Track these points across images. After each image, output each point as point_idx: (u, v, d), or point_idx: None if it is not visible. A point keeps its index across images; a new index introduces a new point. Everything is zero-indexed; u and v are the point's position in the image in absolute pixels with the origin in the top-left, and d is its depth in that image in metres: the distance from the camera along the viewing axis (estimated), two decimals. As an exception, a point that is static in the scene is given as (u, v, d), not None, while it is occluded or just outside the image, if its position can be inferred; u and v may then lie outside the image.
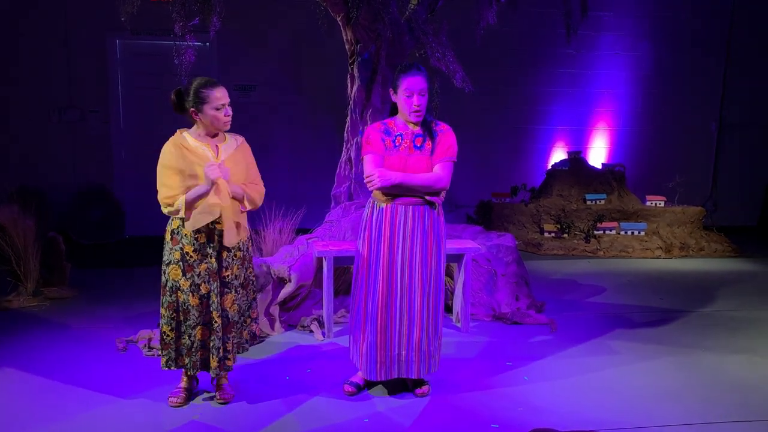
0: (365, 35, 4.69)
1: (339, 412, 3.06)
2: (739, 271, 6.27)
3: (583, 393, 3.33)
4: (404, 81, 3.02)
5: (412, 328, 3.10)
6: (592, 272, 6.10)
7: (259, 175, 3.12)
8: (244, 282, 3.08)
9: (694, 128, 8.54)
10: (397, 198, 3.07)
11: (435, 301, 3.14)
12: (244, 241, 3.07)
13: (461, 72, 4.67)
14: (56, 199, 6.95)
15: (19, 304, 4.63)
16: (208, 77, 2.96)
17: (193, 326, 2.97)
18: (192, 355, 3.00)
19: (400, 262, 3.07)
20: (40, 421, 2.92)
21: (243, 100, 7.32)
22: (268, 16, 7.31)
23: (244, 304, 3.10)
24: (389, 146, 3.06)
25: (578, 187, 7.41)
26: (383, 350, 3.11)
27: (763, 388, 3.43)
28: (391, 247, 3.07)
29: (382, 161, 3.04)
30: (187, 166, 2.86)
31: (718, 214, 8.29)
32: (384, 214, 3.09)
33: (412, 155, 3.06)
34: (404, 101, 3.03)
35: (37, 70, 7.03)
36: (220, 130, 3.00)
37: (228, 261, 2.98)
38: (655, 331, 4.37)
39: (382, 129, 3.10)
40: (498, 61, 7.86)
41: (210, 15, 4.34)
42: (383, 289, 3.07)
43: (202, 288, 2.95)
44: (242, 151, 3.06)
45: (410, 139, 3.07)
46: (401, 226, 3.07)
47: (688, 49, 8.33)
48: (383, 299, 3.07)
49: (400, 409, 3.11)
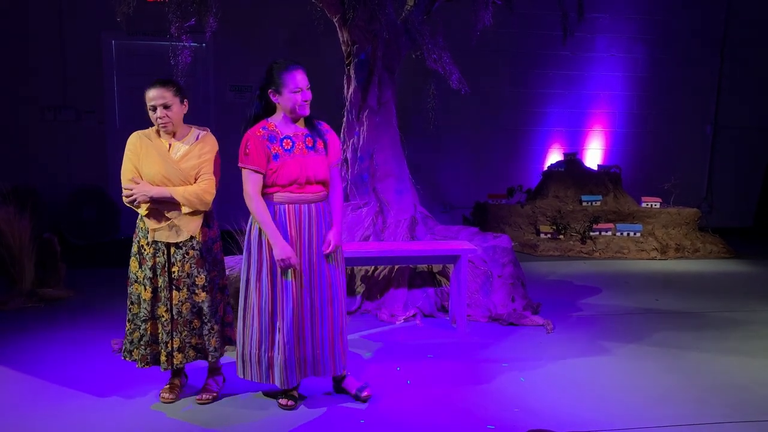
0: (362, 36, 4.69)
1: (334, 413, 3.06)
2: (734, 272, 6.29)
3: (579, 394, 3.33)
4: (290, 77, 2.96)
5: (325, 326, 3.06)
6: (588, 273, 6.11)
7: (210, 172, 3.01)
8: (206, 285, 3.02)
9: (690, 130, 8.57)
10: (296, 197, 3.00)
11: (342, 297, 3.12)
12: (199, 240, 3.00)
13: (458, 73, 4.67)
14: (51, 200, 6.93)
15: (14, 305, 4.61)
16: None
17: (143, 319, 3.02)
18: (141, 348, 3.03)
19: (308, 263, 3.02)
20: (35, 421, 2.91)
21: (239, 101, 7.31)
22: (264, 17, 7.31)
23: (208, 308, 3.03)
24: (279, 152, 2.96)
25: (574, 188, 7.42)
26: (298, 352, 3.03)
27: (758, 389, 3.44)
28: (301, 249, 3.01)
29: (262, 178, 2.95)
30: (137, 160, 2.99)
31: (714, 215, 8.33)
32: (286, 215, 2.99)
33: (308, 157, 3.01)
34: (291, 97, 2.96)
35: (32, 70, 7.01)
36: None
37: (176, 258, 2.99)
38: (650, 332, 4.37)
39: (265, 135, 2.98)
40: (494, 62, 7.88)
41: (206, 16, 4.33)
42: (295, 294, 2.99)
43: (153, 282, 3.00)
44: (201, 145, 3.02)
45: (302, 141, 3.02)
46: (305, 225, 3.02)
47: (683, 51, 8.37)
48: (295, 302, 2.99)
49: (395, 409, 3.11)
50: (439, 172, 8.00)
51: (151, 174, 2.96)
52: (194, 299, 3.02)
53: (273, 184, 2.98)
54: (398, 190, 4.85)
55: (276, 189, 2.98)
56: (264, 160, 2.95)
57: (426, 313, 4.57)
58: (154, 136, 3.03)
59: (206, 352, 3.08)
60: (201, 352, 3.10)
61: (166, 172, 2.96)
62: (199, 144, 3.03)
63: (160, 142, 3.02)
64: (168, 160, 2.97)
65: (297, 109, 3.00)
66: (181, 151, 3.01)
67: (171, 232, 2.98)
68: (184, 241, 2.99)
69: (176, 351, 3.02)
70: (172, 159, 2.98)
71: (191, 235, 2.99)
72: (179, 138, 3.03)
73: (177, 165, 2.97)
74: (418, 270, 4.66)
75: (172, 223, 2.97)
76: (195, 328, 3.05)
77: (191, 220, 2.98)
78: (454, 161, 8.11)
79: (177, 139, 3.03)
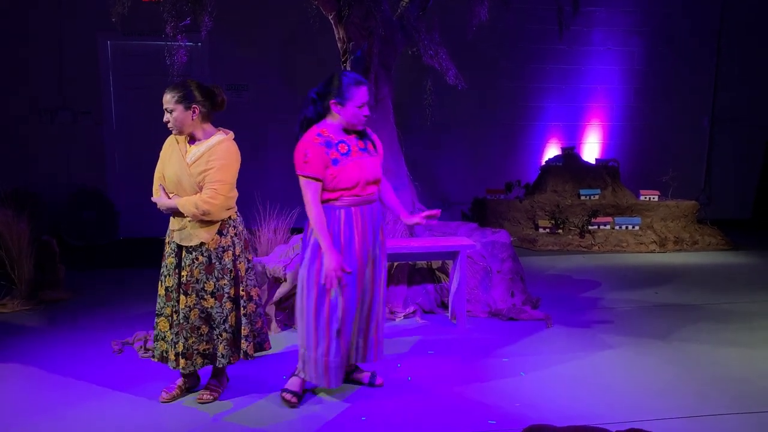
0: (357, 33, 4.68)
1: (335, 411, 3.06)
2: (732, 264, 6.30)
3: (580, 388, 3.34)
4: (357, 93, 3.00)
5: (371, 319, 3.16)
6: (587, 267, 6.12)
7: (217, 180, 2.97)
8: (215, 291, 3.02)
9: (687, 122, 8.57)
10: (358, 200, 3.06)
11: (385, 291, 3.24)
12: (209, 248, 3.01)
13: (454, 69, 4.66)
14: (49, 202, 6.92)
15: (13, 308, 4.61)
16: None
17: (157, 314, 3.13)
18: (157, 343, 3.14)
19: (368, 264, 3.09)
20: (35, 422, 2.91)
21: (235, 100, 7.30)
22: (259, 16, 7.29)
23: (217, 314, 3.04)
24: (338, 157, 2.98)
25: (572, 182, 7.43)
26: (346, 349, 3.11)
27: (757, 381, 3.45)
28: (364, 251, 3.07)
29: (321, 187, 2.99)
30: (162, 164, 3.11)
31: (712, 207, 8.33)
32: (352, 218, 3.05)
33: (363, 158, 3.05)
34: (355, 111, 3.01)
35: (28, 71, 6.99)
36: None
37: (185, 262, 3.03)
38: (649, 325, 4.38)
39: (322, 142, 2.99)
40: (490, 58, 7.86)
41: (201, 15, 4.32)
42: (355, 296, 3.05)
43: (167, 281, 3.08)
44: (210, 153, 3.01)
45: (355, 144, 3.06)
46: (369, 227, 3.08)
47: (680, 43, 8.35)
48: (355, 305, 3.05)
49: (397, 406, 3.11)
50: (436, 169, 7.99)
51: (168, 176, 3.03)
52: (203, 304, 3.03)
53: (335, 188, 2.99)
54: (396, 186, 4.83)
55: (339, 193, 3.00)
56: (323, 167, 2.96)
57: (426, 309, 4.58)
58: (181, 139, 3.07)
59: (214, 357, 3.08)
60: (208, 357, 3.09)
61: (180, 175, 2.99)
62: (209, 151, 3.01)
63: (184, 145, 3.06)
64: (182, 164, 2.99)
65: (357, 124, 3.06)
66: (194, 155, 3.01)
67: (184, 236, 3.01)
68: (194, 246, 3.01)
69: (181, 357, 3.02)
70: (185, 163, 3.00)
71: (201, 242, 3.00)
72: (198, 142, 3.05)
73: (189, 169, 2.99)
74: (418, 267, 4.67)
75: (185, 226, 3.00)
76: (203, 334, 3.05)
77: (202, 227, 2.99)
78: (451, 157, 8.10)
79: (195, 143, 3.05)
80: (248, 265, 3.16)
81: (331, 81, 3.04)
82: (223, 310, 3.05)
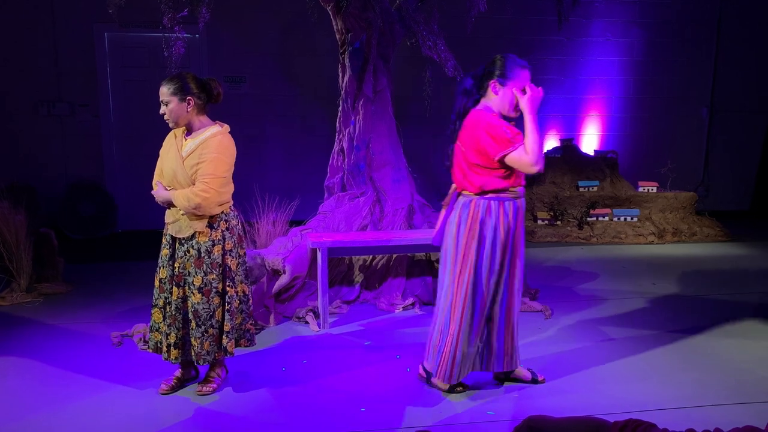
0: (356, 24, 4.66)
1: (334, 402, 3.07)
2: (731, 255, 6.31)
3: (578, 378, 3.35)
4: (521, 74, 2.89)
5: (512, 318, 3.07)
6: (586, 259, 6.13)
7: (209, 173, 2.94)
8: (201, 287, 3.01)
9: (686, 113, 8.55)
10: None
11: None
12: (199, 240, 2.99)
13: (453, 60, 4.65)
14: (47, 195, 6.91)
15: (12, 301, 4.61)
16: None
17: (153, 306, 3.15)
18: (151, 334, 3.17)
19: (509, 258, 2.99)
20: (35, 415, 2.92)
21: (233, 92, 7.28)
22: (257, 7, 7.26)
23: (203, 310, 3.02)
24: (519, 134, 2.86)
25: (571, 174, 7.43)
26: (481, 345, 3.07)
27: (757, 370, 3.47)
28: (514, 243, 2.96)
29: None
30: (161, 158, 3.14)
31: (710, 198, 8.33)
32: (516, 211, 2.94)
33: None
34: (514, 96, 2.90)
35: (25, 63, 6.96)
36: None
37: (178, 254, 3.05)
38: (648, 316, 4.39)
39: (501, 119, 2.91)
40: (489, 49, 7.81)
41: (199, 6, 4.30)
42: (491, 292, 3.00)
43: (161, 272, 3.10)
44: (203, 146, 3.00)
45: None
46: (522, 221, 2.99)
47: (679, 34, 8.33)
48: (490, 300, 3.00)
49: (394, 398, 3.12)
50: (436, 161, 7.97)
51: (165, 170, 3.06)
52: (192, 299, 3.03)
53: (512, 176, 2.90)
54: (395, 179, 4.84)
55: (516, 183, 2.93)
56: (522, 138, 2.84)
57: (424, 301, 4.58)
58: (179, 134, 3.09)
59: (198, 355, 3.05)
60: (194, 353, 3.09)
61: (175, 168, 3.01)
62: (202, 144, 3.00)
63: (181, 138, 3.07)
64: (177, 157, 3.01)
65: (511, 110, 2.93)
66: (189, 148, 3.02)
67: (177, 228, 3.03)
68: (187, 239, 3.02)
69: (173, 347, 3.05)
70: (180, 156, 3.01)
71: (194, 233, 3.00)
72: (193, 135, 3.05)
73: (183, 162, 3.00)
74: (416, 259, 4.67)
75: (179, 219, 3.02)
76: (193, 328, 3.05)
77: (192, 219, 3.00)
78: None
79: (191, 135, 3.05)
80: (239, 260, 3.15)
81: (493, 62, 2.95)
82: (210, 305, 3.03)
